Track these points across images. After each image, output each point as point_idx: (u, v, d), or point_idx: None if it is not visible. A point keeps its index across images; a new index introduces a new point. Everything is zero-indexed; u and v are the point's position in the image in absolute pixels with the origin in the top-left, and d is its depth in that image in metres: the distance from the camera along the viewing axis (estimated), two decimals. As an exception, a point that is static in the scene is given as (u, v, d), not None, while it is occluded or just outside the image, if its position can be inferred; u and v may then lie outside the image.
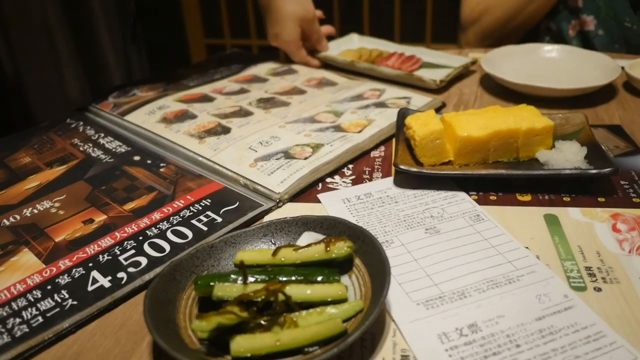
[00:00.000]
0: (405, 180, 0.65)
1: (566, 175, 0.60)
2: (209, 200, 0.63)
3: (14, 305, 0.49)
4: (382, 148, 0.74)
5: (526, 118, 0.64)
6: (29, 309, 0.49)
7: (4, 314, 0.48)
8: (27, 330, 0.47)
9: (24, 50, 1.32)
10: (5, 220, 0.61)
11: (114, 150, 0.75)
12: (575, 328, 0.44)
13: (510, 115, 0.64)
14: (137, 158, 0.73)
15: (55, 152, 0.76)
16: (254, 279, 0.46)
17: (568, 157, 0.62)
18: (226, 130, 0.76)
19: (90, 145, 0.77)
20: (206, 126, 0.77)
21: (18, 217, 0.62)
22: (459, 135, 0.62)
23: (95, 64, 1.49)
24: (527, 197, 0.61)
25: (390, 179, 0.66)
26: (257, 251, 0.50)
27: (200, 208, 0.61)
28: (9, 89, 1.29)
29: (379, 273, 0.45)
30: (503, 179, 0.63)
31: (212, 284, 0.45)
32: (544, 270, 0.50)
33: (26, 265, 0.54)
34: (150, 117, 0.81)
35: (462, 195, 0.62)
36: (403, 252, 0.54)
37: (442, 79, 0.91)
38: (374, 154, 0.72)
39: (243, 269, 0.45)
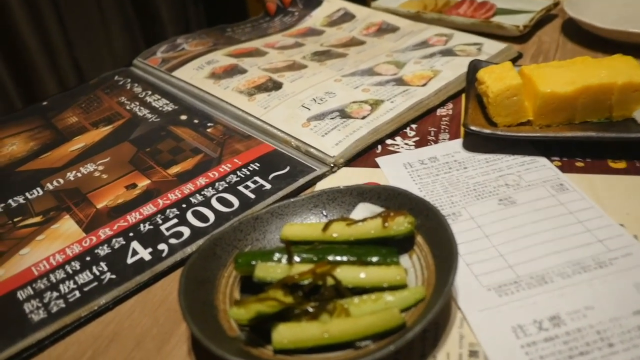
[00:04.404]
0: (476, 143, 0.57)
1: (671, 138, 0.51)
2: (258, 164, 0.58)
3: (52, 277, 0.47)
4: (450, 105, 0.66)
5: (622, 71, 0.54)
6: (67, 282, 0.46)
7: (42, 286, 0.46)
8: (63, 305, 0.44)
9: (73, 8, 1.31)
10: (49, 184, 0.59)
11: (160, 108, 0.71)
12: (684, 327, 0.37)
13: (603, 68, 0.55)
14: (184, 117, 0.68)
15: (101, 111, 0.73)
16: (301, 258, 0.41)
17: (673, 115, 0.52)
18: (277, 86, 0.70)
19: (137, 103, 0.73)
20: (256, 81, 0.72)
21: (62, 180, 0.59)
22: (541, 91, 0.54)
23: (150, 18, 1.47)
24: (622, 164, 0.52)
25: (459, 141, 0.58)
26: (306, 225, 0.45)
27: (248, 173, 0.56)
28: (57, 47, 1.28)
29: (444, 254, 0.39)
30: (592, 142, 0.54)
31: (253, 263, 0.40)
32: (643, 253, 0.42)
33: (66, 234, 0.51)
34: (199, 72, 0.76)
35: (542, 160, 0.54)
36: (472, 226, 0.47)
37: (525, 24, 0.80)
38: (440, 111, 0.65)
39: (288, 248, 0.40)
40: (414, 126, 0.63)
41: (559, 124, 0.56)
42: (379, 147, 0.60)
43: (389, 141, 0.60)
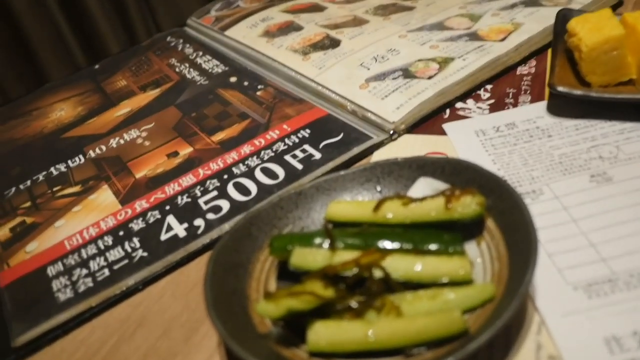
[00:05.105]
0: (564, 107, 0.48)
1: None
2: (308, 131, 0.52)
3: (83, 252, 0.44)
4: (533, 62, 0.57)
5: None
6: (97, 259, 0.43)
7: (72, 262, 0.43)
8: (91, 284, 0.41)
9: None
10: (91, 152, 0.56)
11: (210, 70, 0.66)
12: None
13: None
14: (233, 79, 0.63)
15: (151, 73, 0.69)
16: (345, 243, 0.35)
17: None
18: (335, 44, 0.63)
19: (187, 65, 0.69)
20: (312, 39, 0.65)
21: (104, 147, 0.56)
22: (649, 43, 0.44)
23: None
24: None
25: (543, 105, 0.50)
26: (355, 203, 0.39)
27: (297, 140, 0.51)
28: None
29: (521, 244, 0.32)
30: None
31: (289, 248, 0.35)
32: None
33: (102, 205, 0.48)
34: (252, 30, 0.71)
35: (647, 128, 0.44)
36: (556, 207, 0.39)
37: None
38: (521, 70, 0.56)
39: (328, 231, 0.35)
40: (488, 87, 0.54)
41: (671, 83, 0.46)
42: (447, 111, 0.52)
43: (458, 105, 0.52)
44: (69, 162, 0.55)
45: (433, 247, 0.34)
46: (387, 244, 0.34)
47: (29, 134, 0.62)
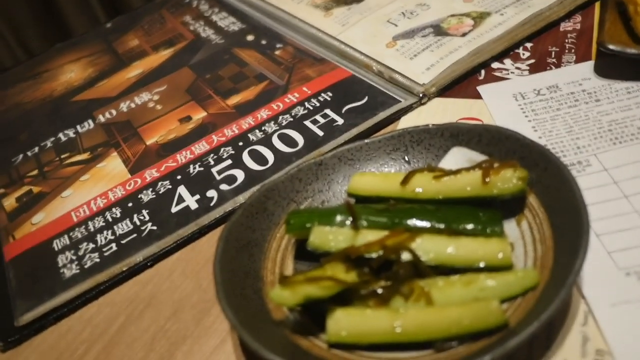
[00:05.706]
0: (614, 67, 0.43)
1: None
2: (330, 94, 0.48)
3: (90, 225, 0.41)
4: (578, 17, 0.52)
5: None
6: (105, 233, 0.40)
7: (79, 235, 0.41)
8: (98, 260, 0.38)
9: None
10: (100, 116, 0.53)
11: (226, 28, 0.62)
12: None
13: None
14: (250, 38, 0.59)
15: (164, 32, 0.65)
16: (370, 221, 0.31)
17: None
18: (360, -2, 0.59)
19: (202, 23, 0.65)
20: (335, -7, 0.61)
21: (114, 112, 0.53)
22: None
23: None
24: None
25: (589, 65, 0.45)
26: (381, 176, 0.35)
27: (318, 104, 0.47)
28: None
29: (568, 225, 0.28)
30: None
31: (308, 225, 0.31)
32: None
33: (111, 174, 0.46)
34: (270, -16, 0.66)
35: None
36: (605, 181, 0.35)
37: None
38: (564, 26, 0.51)
39: (351, 208, 0.31)
40: (529, 45, 0.49)
41: None
42: (482, 72, 0.48)
43: (495, 65, 0.48)
44: (78, 127, 0.53)
45: (468, 227, 0.30)
46: (416, 223, 0.31)
47: (38, 97, 0.60)
